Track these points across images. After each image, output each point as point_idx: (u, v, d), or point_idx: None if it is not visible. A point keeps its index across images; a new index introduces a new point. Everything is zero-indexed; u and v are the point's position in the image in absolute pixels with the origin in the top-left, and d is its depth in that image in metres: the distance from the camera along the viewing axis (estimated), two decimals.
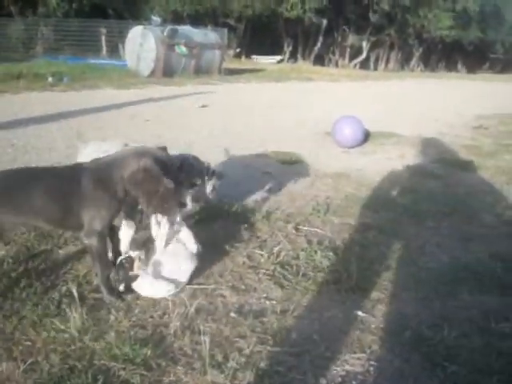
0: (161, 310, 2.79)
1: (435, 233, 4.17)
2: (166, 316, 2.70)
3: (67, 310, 2.64)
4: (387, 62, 37.98)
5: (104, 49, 22.24)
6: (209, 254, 3.26)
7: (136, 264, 2.93)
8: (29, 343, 2.44)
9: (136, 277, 2.89)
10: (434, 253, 3.77)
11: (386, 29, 34.87)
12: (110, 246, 2.97)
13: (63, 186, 2.69)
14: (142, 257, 2.98)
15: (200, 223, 3.95)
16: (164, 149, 2.87)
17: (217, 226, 4.00)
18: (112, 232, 2.96)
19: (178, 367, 2.31)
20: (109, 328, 2.56)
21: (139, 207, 2.90)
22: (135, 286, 2.90)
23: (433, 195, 5.13)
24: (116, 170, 2.68)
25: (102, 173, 2.69)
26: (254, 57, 30.47)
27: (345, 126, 7.27)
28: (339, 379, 2.33)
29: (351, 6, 33.03)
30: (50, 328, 2.53)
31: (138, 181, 2.66)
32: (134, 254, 2.95)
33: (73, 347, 2.40)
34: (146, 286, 2.88)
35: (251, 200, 4.70)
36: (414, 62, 38.96)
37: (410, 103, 13.94)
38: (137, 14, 26.07)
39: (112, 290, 2.81)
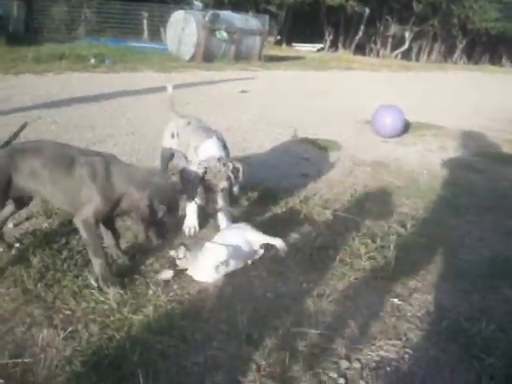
0: (198, 287, 2.82)
1: (475, 226, 4.09)
2: (203, 293, 2.73)
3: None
4: (430, 53, 37.23)
5: (145, 32, 22.37)
6: None
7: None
8: (69, 312, 2.51)
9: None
10: (473, 246, 3.71)
11: (430, 19, 34.15)
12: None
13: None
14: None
15: (238, 206, 3.99)
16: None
17: (255, 209, 4.02)
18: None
19: (214, 343, 2.34)
20: (147, 302, 2.60)
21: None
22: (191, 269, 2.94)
23: (474, 189, 5.04)
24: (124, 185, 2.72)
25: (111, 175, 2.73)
26: (294, 44, 30.22)
27: (386, 115, 7.17)
28: (373, 364, 2.33)
29: None
30: (89, 299, 2.59)
31: (139, 210, 2.72)
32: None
33: (111, 318, 2.45)
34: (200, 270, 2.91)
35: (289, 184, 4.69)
36: (457, 54, 38.08)
37: (451, 96, 13.67)
38: None
39: (107, 279, 2.74)
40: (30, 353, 2.22)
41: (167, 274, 2.85)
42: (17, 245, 3.11)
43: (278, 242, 3.17)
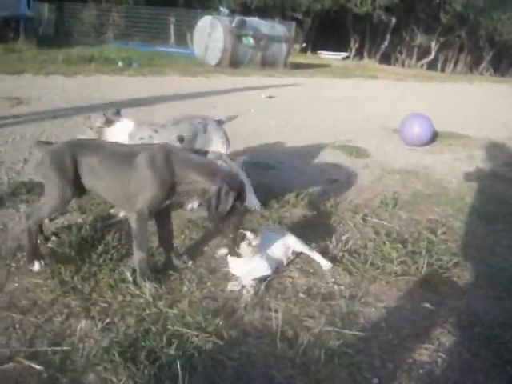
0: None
1: (506, 235, 4.07)
2: (237, 291, 2.76)
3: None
4: (456, 64, 36.93)
5: (172, 37, 22.59)
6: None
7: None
8: (105, 305, 2.56)
9: None
10: (504, 254, 3.69)
11: (457, 30, 33.86)
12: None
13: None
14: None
15: (269, 208, 4.02)
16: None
17: (286, 212, 4.05)
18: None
19: (249, 339, 2.37)
20: (182, 297, 2.64)
21: None
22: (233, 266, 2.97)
23: (503, 198, 5.00)
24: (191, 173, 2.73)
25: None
26: (319, 52, 30.24)
27: (414, 123, 7.15)
28: (406, 366, 2.34)
29: (422, 5, 32.24)
30: (125, 292, 2.63)
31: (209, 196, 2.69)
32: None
33: (147, 311, 2.50)
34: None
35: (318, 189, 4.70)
36: (483, 65, 37.71)
37: (478, 106, 13.55)
38: (206, 4, 26.31)
39: (145, 273, 2.78)
40: (69, 342, 2.27)
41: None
42: (53, 238, 3.17)
43: (322, 262, 3.17)
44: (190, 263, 3.03)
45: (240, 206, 2.75)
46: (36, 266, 2.81)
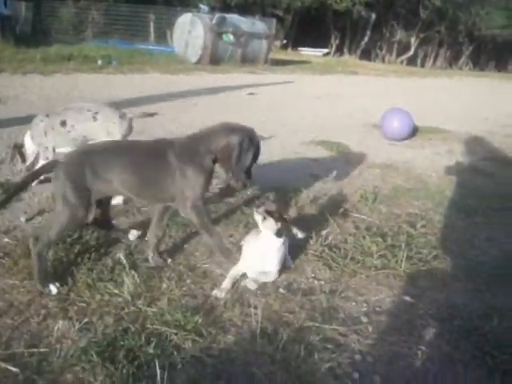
0: (211, 281, 2.84)
1: (484, 228, 4.10)
2: (216, 288, 2.74)
3: (120, 275, 2.72)
4: (435, 59, 37.17)
5: (152, 34, 22.43)
6: None
7: None
8: (83, 304, 2.53)
9: None
10: (483, 247, 3.72)
11: (436, 25, 34.10)
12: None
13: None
14: None
15: (250, 203, 4.01)
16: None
17: None
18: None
19: (228, 336, 2.36)
20: (161, 295, 2.62)
21: None
22: None
23: (482, 191, 5.03)
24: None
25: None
26: (300, 49, 30.23)
27: (394, 118, 7.19)
28: (386, 359, 2.34)
29: (401, 1, 32.40)
30: (103, 291, 2.61)
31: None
32: None
33: (126, 310, 2.47)
34: None
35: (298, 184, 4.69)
36: (462, 60, 38.02)
37: (458, 101, 13.66)
38: (186, 1, 26.16)
39: (229, 252, 2.91)
40: (46, 343, 2.24)
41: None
42: None
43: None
44: (170, 261, 3.01)
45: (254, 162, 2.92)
46: (53, 290, 2.59)
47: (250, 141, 2.85)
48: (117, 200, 3.68)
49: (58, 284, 2.63)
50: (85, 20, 22.92)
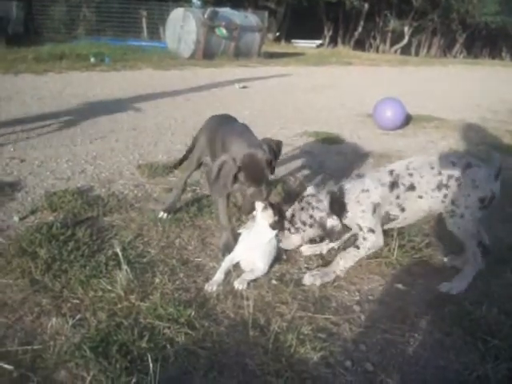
0: (203, 275, 2.85)
1: None
2: (209, 281, 2.75)
3: (113, 271, 2.73)
4: (429, 47, 37.17)
5: (145, 30, 22.34)
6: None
7: None
8: (77, 301, 2.53)
9: None
10: None
11: (429, 14, 34.03)
12: None
13: None
14: None
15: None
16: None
17: None
18: None
19: (221, 328, 2.37)
20: (154, 290, 2.63)
21: None
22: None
23: None
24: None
25: None
26: (293, 41, 30.13)
27: (386, 107, 7.19)
28: (379, 347, 2.36)
29: None
30: (97, 287, 2.61)
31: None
32: None
33: (119, 306, 2.48)
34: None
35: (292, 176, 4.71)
36: (456, 48, 38.01)
37: (451, 89, 13.67)
38: None
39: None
40: (40, 340, 2.25)
41: None
42: None
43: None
44: None
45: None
46: None
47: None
48: None
49: None
50: (76, 18, 22.83)
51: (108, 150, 5.24)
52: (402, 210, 2.89)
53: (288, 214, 3.00)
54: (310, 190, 3.03)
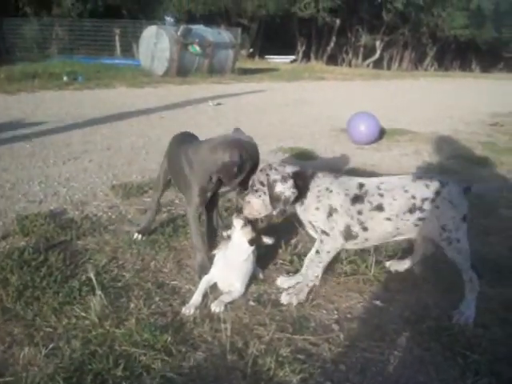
0: (180, 298, 2.80)
1: None
2: (186, 304, 2.71)
3: (87, 297, 2.67)
4: (401, 61, 37.78)
5: (118, 49, 22.31)
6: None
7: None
8: (50, 329, 2.47)
9: None
10: None
11: (400, 28, 34.70)
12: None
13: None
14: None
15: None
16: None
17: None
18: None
19: (199, 353, 2.32)
20: (129, 315, 2.57)
21: None
22: None
23: None
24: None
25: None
26: (267, 57, 30.38)
27: (360, 122, 7.25)
28: (359, 366, 2.33)
29: (365, 6, 32.93)
30: (70, 315, 2.55)
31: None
32: None
33: (93, 333, 2.42)
34: None
35: None
36: (427, 61, 38.72)
37: (424, 102, 13.88)
38: (151, 14, 26.12)
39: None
40: (11, 371, 2.18)
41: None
42: None
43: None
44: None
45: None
46: None
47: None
48: None
49: None
50: (49, 37, 22.72)
51: (81, 171, 5.17)
52: (364, 229, 2.76)
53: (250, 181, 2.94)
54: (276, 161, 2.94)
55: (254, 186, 2.85)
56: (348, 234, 2.78)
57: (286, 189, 2.75)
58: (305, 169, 2.90)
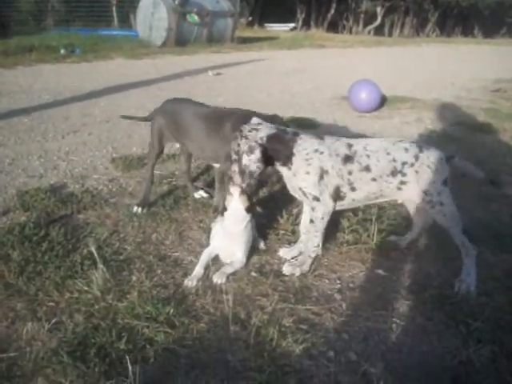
0: (182, 270, 2.80)
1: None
2: (188, 276, 2.71)
3: (89, 271, 2.66)
4: (402, 27, 37.21)
5: (115, 19, 21.96)
6: None
7: None
8: (52, 304, 2.47)
9: None
10: None
11: None
12: None
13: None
14: None
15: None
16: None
17: None
18: None
19: (201, 324, 2.33)
20: (131, 288, 2.58)
21: None
22: None
23: None
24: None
25: None
26: (266, 25, 29.94)
27: (361, 89, 7.17)
28: (361, 335, 2.34)
29: None
30: (73, 289, 2.55)
31: None
32: None
33: (96, 307, 2.42)
34: None
35: None
36: (429, 27, 38.10)
37: (425, 68, 13.69)
38: None
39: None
40: (15, 347, 2.19)
41: None
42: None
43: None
44: None
45: None
46: None
47: None
48: None
49: None
50: (44, 9, 22.32)
51: (81, 145, 5.14)
52: (353, 189, 2.73)
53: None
54: (254, 120, 2.81)
55: (232, 156, 2.74)
56: (337, 195, 2.74)
57: (250, 162, 2.62)
58: (283, 130, 2.75)
